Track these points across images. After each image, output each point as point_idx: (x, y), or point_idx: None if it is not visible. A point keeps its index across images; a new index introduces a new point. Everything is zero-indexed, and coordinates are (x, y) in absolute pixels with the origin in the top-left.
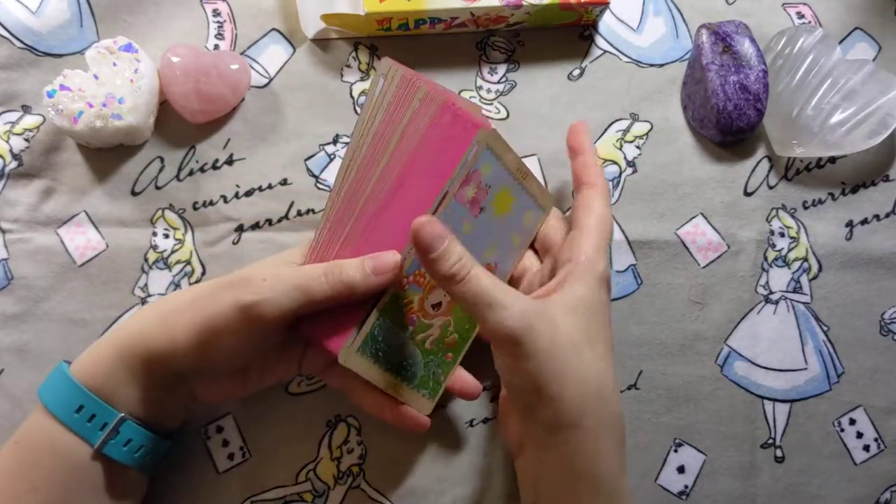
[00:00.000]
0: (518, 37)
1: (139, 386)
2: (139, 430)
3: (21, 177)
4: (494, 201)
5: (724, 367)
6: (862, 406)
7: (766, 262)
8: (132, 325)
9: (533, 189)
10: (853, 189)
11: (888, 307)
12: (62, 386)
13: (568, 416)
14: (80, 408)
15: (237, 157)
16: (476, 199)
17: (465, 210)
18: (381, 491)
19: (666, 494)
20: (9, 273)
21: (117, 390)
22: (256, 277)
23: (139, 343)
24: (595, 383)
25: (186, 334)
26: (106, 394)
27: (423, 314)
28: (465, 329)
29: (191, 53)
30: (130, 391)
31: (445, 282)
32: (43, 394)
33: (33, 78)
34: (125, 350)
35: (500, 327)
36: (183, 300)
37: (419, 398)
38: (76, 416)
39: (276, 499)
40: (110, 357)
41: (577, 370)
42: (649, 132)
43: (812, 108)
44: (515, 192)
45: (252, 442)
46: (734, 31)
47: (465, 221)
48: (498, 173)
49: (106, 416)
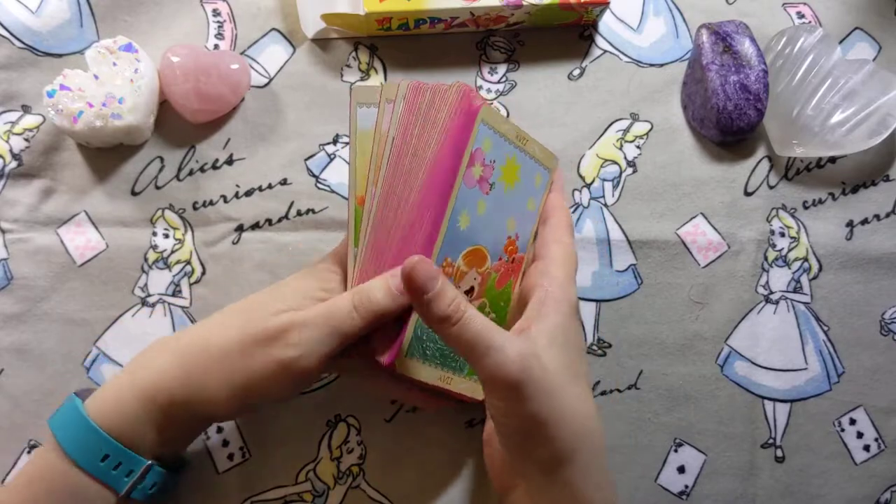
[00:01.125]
0: (518, 37)
1: (162, 432)
2: (163, 473)
3: (21, 177)
4: (502, 175)
5: (725, 367)
6: (862, 406)
7: (767, 261)
8: (153, 377)
9: (535, 152)
10: (853, 189)
11: (888, 307)
12: (84, 432)
13: (563, 453)
14: (106, 456)
15: (237, 157)
16: (484, 177)
17: (476, 191)
18: (381, 491)
19: (666, 494)
20: (9, 273)
21: (142, 437)
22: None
23: (164, 395)
24: (583, 417)
25: (224, 393)
26: (130, 441)
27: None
28: (500, 307)
29: (191, 53)
30: (154, 437)
31: (439, 324)
32: (58, 432)
33: (33, 78)
34: (149, 400)
35: (499, 372)
36: (208, 357)
37: (472, 384)
38: (101, 464)
39: (276, 499)
40: (133, 404)
41: (569, 407)
42: (649, 132)
43: (812, 108)
44: (520, 159)
45: (252, 442)
46: (734, 31)
47: (478, 202)
48: (499, 146)
49: (132, 464)
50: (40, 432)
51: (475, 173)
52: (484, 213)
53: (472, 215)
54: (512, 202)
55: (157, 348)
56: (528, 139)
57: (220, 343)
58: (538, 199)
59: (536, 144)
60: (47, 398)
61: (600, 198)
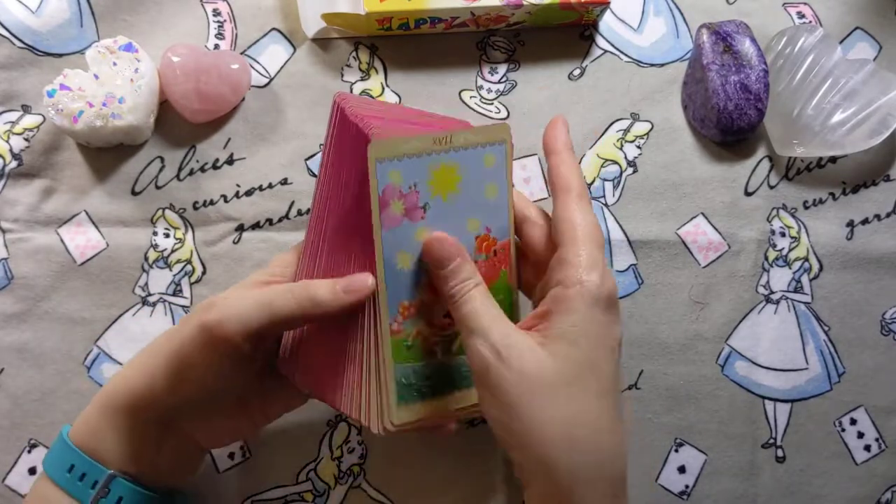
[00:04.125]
0: (518, 36)
1: (127, 440)
2: (130, 488)
3: (21, 176)
4: (434, 190)
5: (725, 367)
6: (863, 406)
7: (767, 261)
8: (112, 381)
9: (471, 140)
10: (854, 189)
11: (889, 307)
12: (57, 447)
13: (533, 464)
14: (72, 467)
15: (237, 157)
16: (409, 206)
17: (407, 224)
18: (381, 491)
19: (667, 494)
20: (9, 273)
21: (105, 446)
22: (219, 297)
23: (120, 393)
24: (564, 429)
25: (161, 371)
26: (95, 451)
27: (438, 332)
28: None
29: (191, 53)
30: (119, 446)
31: (448, 302)
32: (45, 458)
33: (33, 78)
34: (107, 404)
35: (473, 352)
36: (157, 339)
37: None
38: (68, 475)
39: (277, 498)
40: (95, 414)
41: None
42: (650, 132)
43: (813, 108)
44: (450, 159)
45: (253, 442)
46: (735, 31)
47: (415, 233)
48: (412, 166)
49: (96, 475)
50: (40, 432)
51: (395, 210)
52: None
53: (411, 250)
54: (462, 204)
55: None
56: (453, 134)
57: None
58: (500, 178)
59: (469, 131)
60: (47, 398)
61: (601, 198)
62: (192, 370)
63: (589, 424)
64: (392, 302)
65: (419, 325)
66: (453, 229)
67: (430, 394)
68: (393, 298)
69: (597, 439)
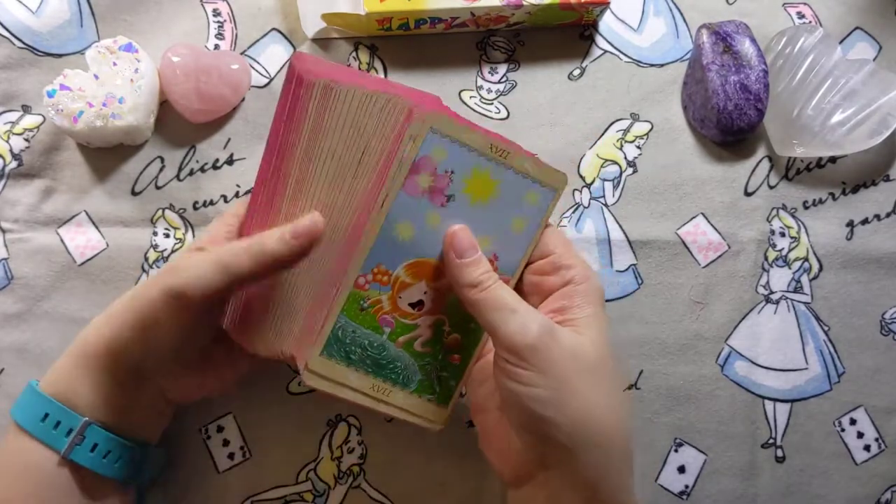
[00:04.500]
0: (518, 37)
1: (100, 389)
2: (105, 435)
3: (21, 177)
4: (466, 187)
5: (725, 367)
6: (863, 406)
7: (767, 261)
8: (86, 331)
9: (526, 168)
10: (854, 189)
11: (889, 307)
12: (28, 398)
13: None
14: (46, 416)
15: (237, 157)
16: (436, 187)
17: (424, 201)
18: (381, 491)
19: (666, 494)
20: (9, 273)
21: (79, 394)
22: (182, 260)
23: (92, 347)
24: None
25: (127, 327)
26: (69, 400)
27: (400, 314)
28: (469, 329)
29: (191, 53)
30: (93, 395)
31: (469, 287)
32: (13, 410)
33: (33, 78)
34: (80, 356)
35: (519, 333)
36: (123, 297)
37: (424, 404)
38: (42, 424)
39: (277, 498)
40: (69, 364)
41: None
42: (650, 132)
43: (812, 108)
44: (497, 173)
45: (252, 441)
46: (734, 31)
47: (427, 213)
48: (459, 156)
49: (71, 422)
50: None
51: (422, 182)
52: (438, 225)
53: (418, 226)
54: (484, 217)
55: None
56: (513, 153)
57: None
58: (533, 218)
59: (530, 160)
60: None
61: (600, 198)
62: (158, 328)
63: (619, 407)
64: (370, 259)
65: (383, 297)
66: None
67: (355, 362)
68: (372, 257)
69: (624, 423)
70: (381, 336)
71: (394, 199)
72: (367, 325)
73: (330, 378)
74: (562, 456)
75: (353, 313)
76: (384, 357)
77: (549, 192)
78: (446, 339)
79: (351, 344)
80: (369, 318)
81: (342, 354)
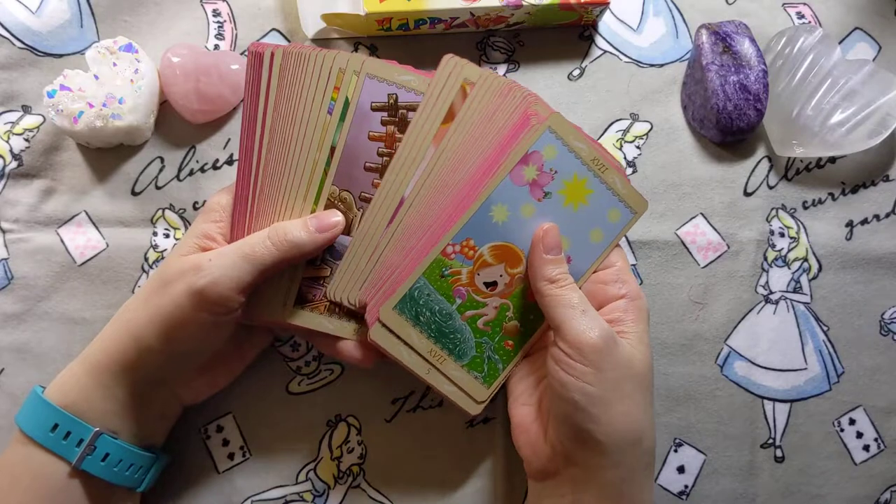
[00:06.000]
0: (518, 37)
1: (113, 400)
2: (116, 444)
3: (21, 177)
4: (564, 188)
5: (724, 367)
6: (862, 406)
7: (766, 262)
8: (97, 342)
9: (616, 186)
10: (853, 189)
11: (888, 307)
12: (36, 407)
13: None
14: (55, 426)
15: (237, 157)
16: (538, 181)
17: (524, 191)
18: (381, 491)
19: (666, 494)
20: (9, 273)
21: (91, 406)
22: (202, 260)
23: (106, 357)
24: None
25: (151, 334)
26: (79, 410)
27: (473, 290)
28: (529, 319)
29: (191, 53)
30: (104, 406)
31: (547, 282)
32: (19, 419)
33: (33, 78)
34: (94, 366)
35: (589, 331)
36: (137, 303)
37: (471, 380)
38: (51, 435)
39: (277, 498)
40: (80, 375)
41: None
42: (649, 132)
43: (812, 108)
44: (592, 184)
45: (252, 441)
46: (734, 32)
47: (523, 203)
48: (565, 159)
49: (81, 433)
50: None
51: (527, 174)
52: (530, 217)
53: (512, 212)
54: (571, 222)
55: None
56: (610, 169)
57: (145, 287)
58: (609, 232)
59: (622, 180)
60: None
61: None
62: (186, 332)
63: (651, 419)
64: (463, 231)
65: (463, 270)
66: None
67: (422, 324)
68: (466, 230)
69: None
70: (451, 305)
71: (500, 179)
72: (441, 292)
73: (396, 332)
74: (592, 452)
75: (433, 277)
76: (448, 326)
77: (629, 212)
78: (507, 324)
79: (423, 306)
80: (446, 285)
81: (412, 313)
